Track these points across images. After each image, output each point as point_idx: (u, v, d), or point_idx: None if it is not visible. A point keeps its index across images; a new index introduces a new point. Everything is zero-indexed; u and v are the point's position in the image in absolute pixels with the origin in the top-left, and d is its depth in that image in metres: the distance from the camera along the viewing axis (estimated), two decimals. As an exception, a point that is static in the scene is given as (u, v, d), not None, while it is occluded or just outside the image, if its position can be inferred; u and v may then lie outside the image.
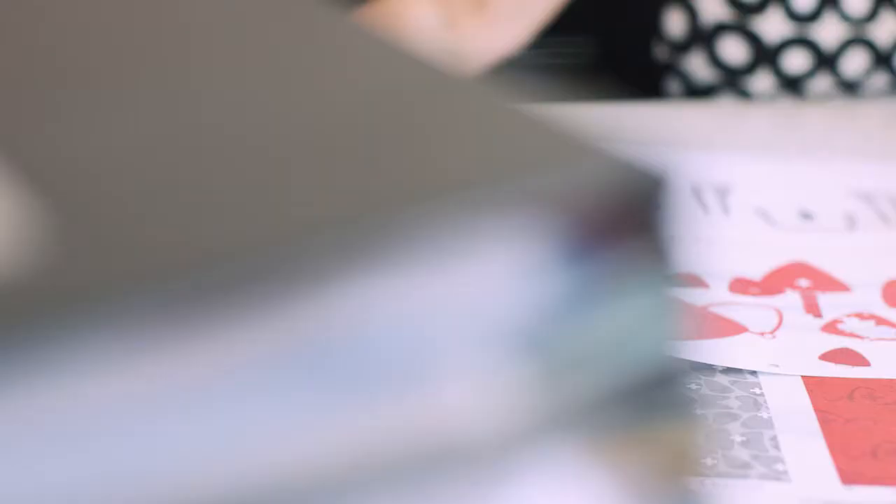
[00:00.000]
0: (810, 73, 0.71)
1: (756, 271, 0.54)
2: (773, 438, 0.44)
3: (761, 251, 0.55)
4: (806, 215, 0.60)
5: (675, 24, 0.69)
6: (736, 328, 0.50)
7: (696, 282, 0.53)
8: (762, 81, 0.71)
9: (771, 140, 0.68)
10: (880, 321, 0.51)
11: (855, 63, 0.70)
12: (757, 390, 0.47)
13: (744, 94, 0.71)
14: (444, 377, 0.21)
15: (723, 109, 0.70)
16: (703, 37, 0.69)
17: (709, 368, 0.47)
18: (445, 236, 0.21)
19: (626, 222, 0.22)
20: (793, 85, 0.71)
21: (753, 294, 0.52)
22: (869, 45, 0.70)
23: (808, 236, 0.53)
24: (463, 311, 0.21)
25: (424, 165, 0.23)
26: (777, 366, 0.48)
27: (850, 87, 0.71)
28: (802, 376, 0.47)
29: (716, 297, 0.52)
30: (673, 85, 0.72)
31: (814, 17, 0.69)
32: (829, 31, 0.70)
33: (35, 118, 0.23)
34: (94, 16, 0.28)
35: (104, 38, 0.27)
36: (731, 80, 0.71)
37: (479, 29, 0.58)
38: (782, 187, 0.61)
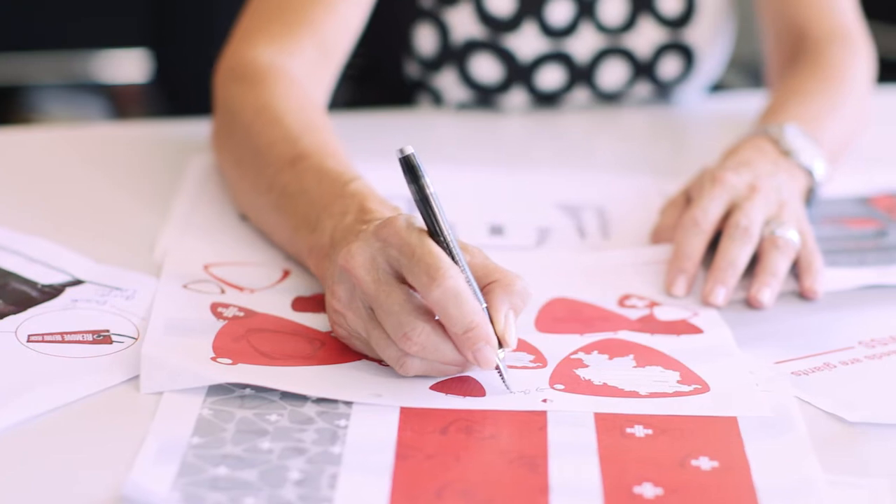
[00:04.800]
0: (566, 88, 0.64)
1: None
2: (334, 476, 0.37)
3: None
4: (496, 230, 0.53)
5: (425, 41, 0.62)
6: (354, 354, 0.42)
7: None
8: (516, 98, 0.64)
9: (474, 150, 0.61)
10: (521, 346, 0.43)
11: (613, 74, 0.63)
12: (343, 422, 0.39)
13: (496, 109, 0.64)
14: None
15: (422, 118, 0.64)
16: (454, 55, 0.62)
17: (301, 397, 0.40)
18: None
19: None
20: (548, 100, 0.64)
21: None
22: (627, 54, 0.63)
23: (494, 253, 0.44)
24: None
25: None
26: (380, 395, 0.40)
27: (609, 98, 0.65)
28: (402, 408, 0.40)
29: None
30: (424, 103, 0.65)
31: (569, 30, 0.62)
32: (584, 44, 0.63)
33: None
34: None
35: None
36: (484, 98, 0.64)
37: None
38: (476, 201, 0.54)
